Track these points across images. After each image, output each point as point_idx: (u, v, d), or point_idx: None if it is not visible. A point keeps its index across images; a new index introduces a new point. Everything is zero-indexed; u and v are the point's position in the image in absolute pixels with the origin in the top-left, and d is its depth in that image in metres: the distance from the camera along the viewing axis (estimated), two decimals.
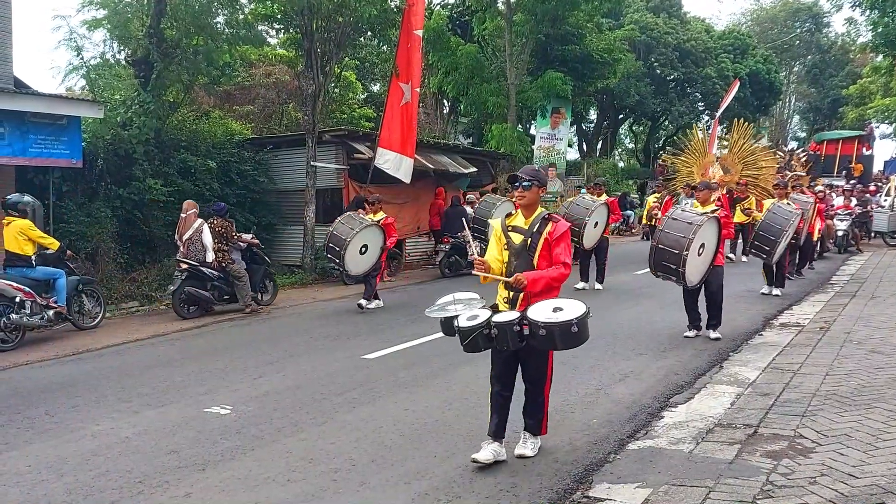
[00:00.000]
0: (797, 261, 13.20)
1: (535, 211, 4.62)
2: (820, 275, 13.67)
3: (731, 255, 15.01)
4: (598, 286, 11.98)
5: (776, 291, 11.14)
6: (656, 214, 15.40)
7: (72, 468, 4.68)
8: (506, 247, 4.58)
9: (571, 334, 4.18)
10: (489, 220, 6.39)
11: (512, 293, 4.53)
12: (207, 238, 10.32)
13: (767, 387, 6.05)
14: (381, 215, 10.83)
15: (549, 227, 4.52)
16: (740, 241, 13.91)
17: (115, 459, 4.82)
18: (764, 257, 10.68)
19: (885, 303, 9.86)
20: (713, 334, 8.12)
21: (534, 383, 4.66)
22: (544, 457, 4.68)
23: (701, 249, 7.67)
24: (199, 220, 10.40)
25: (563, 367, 7.00)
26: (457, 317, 4.49)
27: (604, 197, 12.24)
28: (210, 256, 10.30)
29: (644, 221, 19.43)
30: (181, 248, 10.39)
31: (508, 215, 4.72)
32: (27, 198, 9.30)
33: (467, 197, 15.73)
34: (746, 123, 18.67)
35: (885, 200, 20.32)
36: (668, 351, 7.63)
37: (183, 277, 10.18)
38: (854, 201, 18.80)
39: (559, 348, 4.41)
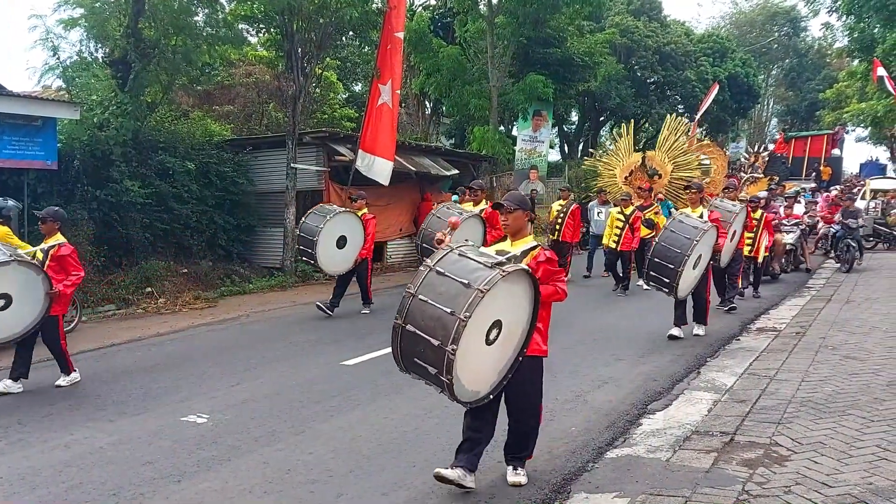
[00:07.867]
0: (749, 283, 11.36)
1: None
2: (797, 278, 13.80)
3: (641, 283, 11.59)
4: None
5: (698, 330, 8.58)
6: (559, 226, 13.05)
7: (44, 480, 4.60)
8: None
9: None
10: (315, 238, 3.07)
11: None
12: None
13: (744, 393, 6.11)
14: (54, 241, 6.92)
15: None
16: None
17: (88, 470, 4.75)
18: (666, 291, 8.05)
19: (860, 307, 9.99)
20: (513, 476, 4.45)
21: None
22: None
23: (495, 332, 4.05)
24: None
25: (545, 374, 7.00)
26: None
27: (483, 205, 9.63)
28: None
29: (550, 237, 13.49)
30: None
31: None
32: (10, 202, 9.20)
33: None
34: (679, 118, 17.26)
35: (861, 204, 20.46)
36: (646, 356, 7.67)
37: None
38: (802, 210, 16.33)
39: None
